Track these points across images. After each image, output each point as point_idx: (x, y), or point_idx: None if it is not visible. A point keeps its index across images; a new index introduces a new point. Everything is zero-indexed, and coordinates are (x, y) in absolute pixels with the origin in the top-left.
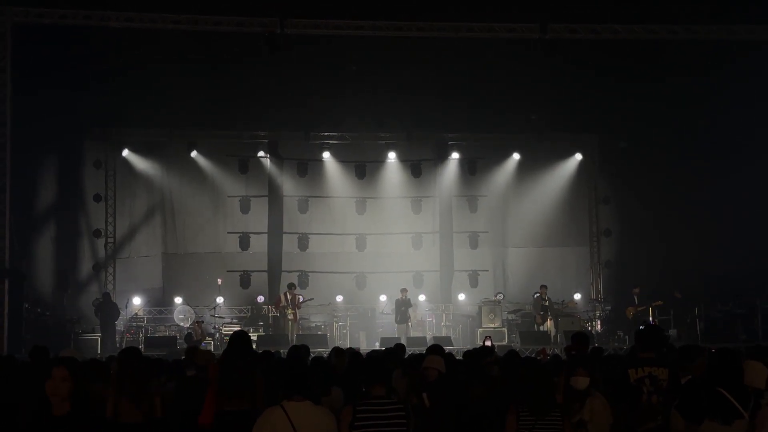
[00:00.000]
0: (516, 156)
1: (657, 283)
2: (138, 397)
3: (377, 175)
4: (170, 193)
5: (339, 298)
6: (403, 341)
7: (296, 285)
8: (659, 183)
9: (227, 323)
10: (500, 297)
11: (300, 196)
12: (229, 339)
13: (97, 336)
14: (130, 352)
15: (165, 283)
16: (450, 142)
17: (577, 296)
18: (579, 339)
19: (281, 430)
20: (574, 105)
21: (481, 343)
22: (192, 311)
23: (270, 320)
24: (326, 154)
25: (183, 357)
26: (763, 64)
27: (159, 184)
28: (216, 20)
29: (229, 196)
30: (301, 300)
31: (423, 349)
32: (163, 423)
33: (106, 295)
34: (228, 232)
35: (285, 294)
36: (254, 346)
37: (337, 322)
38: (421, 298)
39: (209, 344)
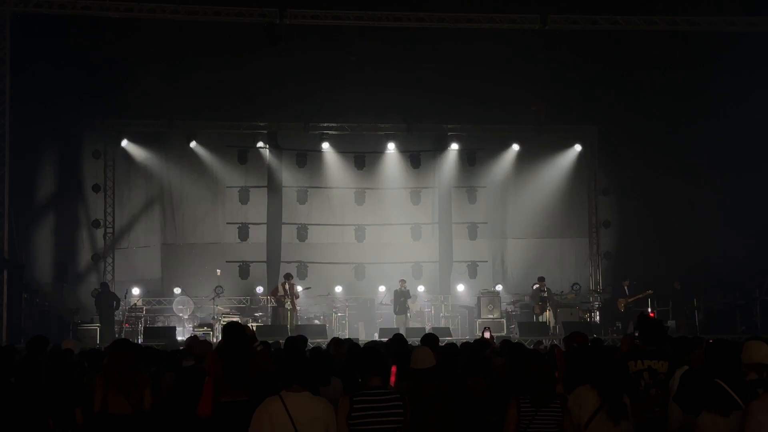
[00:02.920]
0: (515, 147)
1: (656, 274)
2: (127, 388)
3: (376, 166)
4: (169, 184)
5: (338, 289)
6: (402, 332)
7: (292, 275)
8: (659, 174)
9: (226, 314)
10: (499, 288)
11: (299, 186)
12: (223, 330)
13: (96, 326)
14: (121, 344)
15: (164, 273)
16: (449, 133)
17: (576, 287)
18: (578, 335)
19: (279, 420)
20: (574, 96)
21: (480, 335)
22: (191, 302)
23: (269, 311)
24: (325, 145)
25: (181, 348)
26: (763, 56)
27: (158, 175)
28: (215, 10)
29: (228, 187)
30: (300, 290)
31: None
32: (153, 415)
33: (105, 286)
34: (227, 223)
35: (283, 285)
36: None
37: (336, 313)
38: (420, 288)
39: (208, 334)
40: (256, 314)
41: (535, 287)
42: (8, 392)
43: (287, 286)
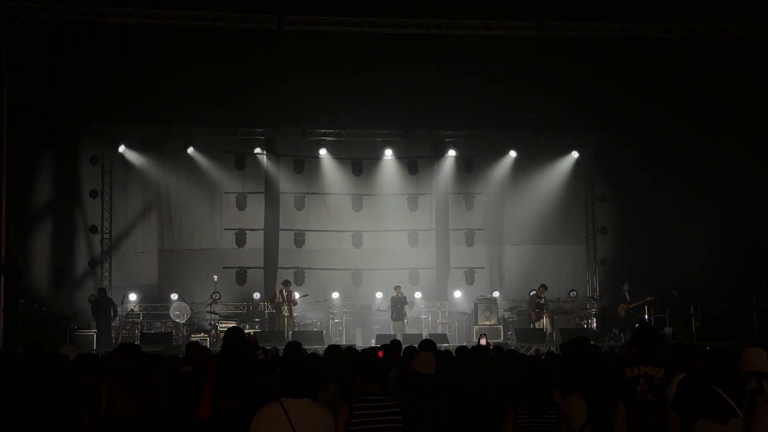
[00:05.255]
0: (513, 153)
1: (653, 281)
2: (134, 392)
3: (374, 172)
4: (166, 190)
5: (335, 295)
6: (399, 338)
7: (291, 282)
8: (655, 181)
9: (223, 319)
10: (496, 294)
11: (296, 192)
12: (224, 335)
13: (93, 332)
14: (129, 347)
15: (161, 279)
16: (447, 140)
17: (573, 294)
18: (575, 341)
19: (279, 427)
20: (571, 103)
21: (477, 341)
22: (188, 307)
23: (266, 317)
24: (323, 151)
25: (180, 356)
26: (761, 63)
27: (155, 180)
28: (213, 16)
29: (225, 193)
30: (297, 296)
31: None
32: (158, 419)
33: (102, 291)
34: (224, 229)
35: (280, 291)
36: None
37: (333, 319)
38: (417, 295)
39: (205, 340)
40: (253, 320)
41: (532, 293)
42: (8, 394)
43: (285, 293)
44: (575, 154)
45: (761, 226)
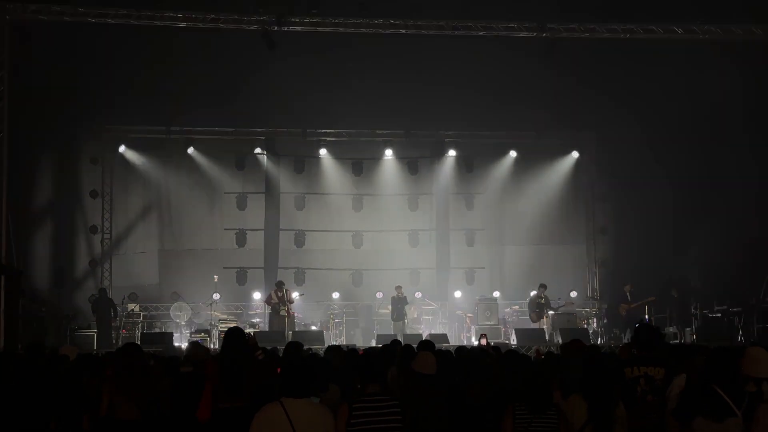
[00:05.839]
0: (513, 154)
1: (653, 281)
2: (136, 393)
3: (374, 173)
4: (167, 190)
5: (335, 295)
6: (400, 338)
7: (284, 283)
8: (655, 181)
9: (223, 320)
10: (497, 294)
11: (297, 192)
12: (224, 336)
13: (93, 332)
14: (132, 348)
15: (161, 279)
16: (447, 140)
17: (573, 294)
18: (575, 342)
19: (279, 427)
20: (572, 103)
21: (477, 341)
22: (188, 307)
23: (266, 317)
24: (323, 151)
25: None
26: (761, 63)
27: (156, 181)
28: (214, 17)
29: (225, 193)
30: (295, 296)
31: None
32: (158, 419)
33: (103, 291)
34: (224, 229)
35: (276, 292)
36: None
37: (333, 319)
38: (418, 295)
39: (205, 340)
40: (253, 320)
41: (533, 293)
42: (8, 394)
43: (280, 294)
44: (575, 154)
45: (762, 226)
